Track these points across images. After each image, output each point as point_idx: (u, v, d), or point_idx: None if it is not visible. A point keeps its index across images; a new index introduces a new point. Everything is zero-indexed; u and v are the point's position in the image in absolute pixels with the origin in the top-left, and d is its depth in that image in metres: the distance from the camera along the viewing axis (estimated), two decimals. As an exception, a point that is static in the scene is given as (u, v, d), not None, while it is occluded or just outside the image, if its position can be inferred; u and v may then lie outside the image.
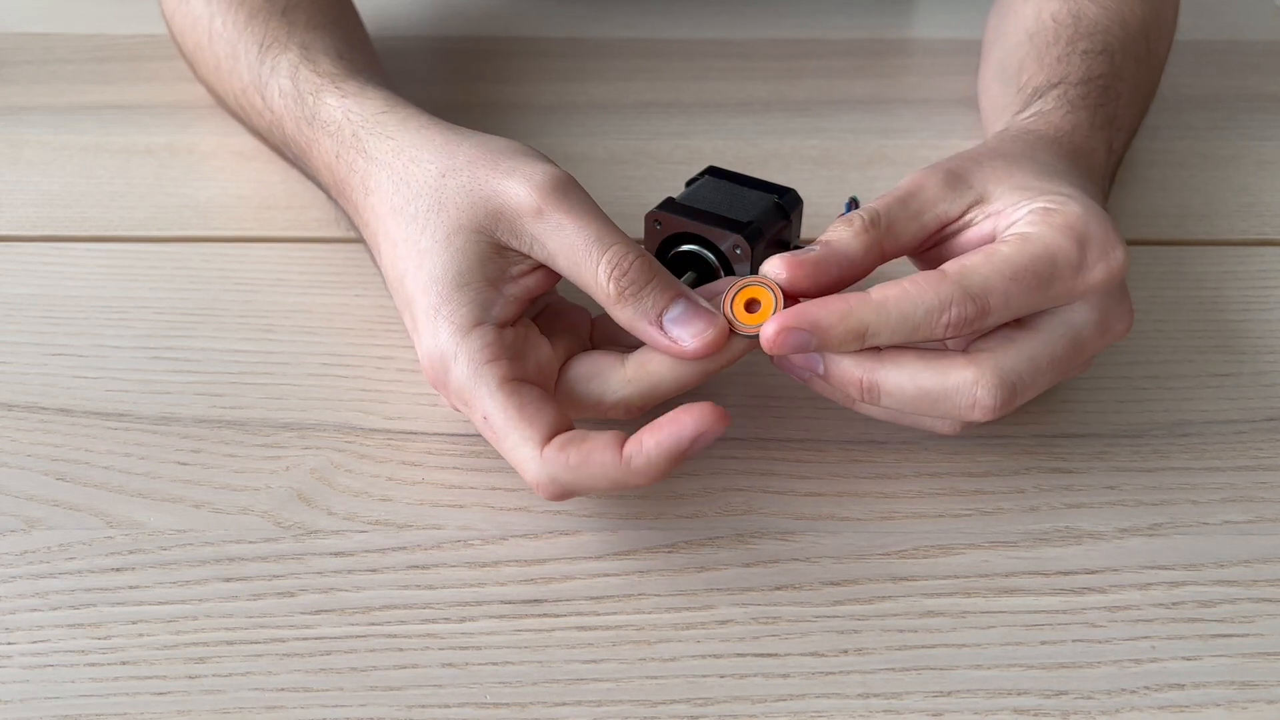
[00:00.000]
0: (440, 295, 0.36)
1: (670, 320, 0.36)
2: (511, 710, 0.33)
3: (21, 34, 0.67)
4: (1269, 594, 0.36)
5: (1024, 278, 0.35)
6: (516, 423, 0.35)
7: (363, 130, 0.41)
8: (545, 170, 0.37)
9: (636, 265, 0.36)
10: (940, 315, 0.34)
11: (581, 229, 0.36)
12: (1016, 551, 0.38)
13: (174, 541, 0.37)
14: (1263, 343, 0.46)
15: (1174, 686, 0.34)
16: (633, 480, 0.34)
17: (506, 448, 0.35)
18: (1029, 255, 0.35)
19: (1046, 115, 0.45)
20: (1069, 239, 0.36)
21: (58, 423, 0.42)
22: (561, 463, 0.34)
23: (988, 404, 0.35)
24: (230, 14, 0.51)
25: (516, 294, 0.37)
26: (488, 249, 0.37)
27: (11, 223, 0.52)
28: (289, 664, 0.34)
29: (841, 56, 0.66)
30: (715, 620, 0.35)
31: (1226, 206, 0.54)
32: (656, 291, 0.36)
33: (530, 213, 0.36)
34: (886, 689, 0.34)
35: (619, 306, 0.36)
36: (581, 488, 0.35)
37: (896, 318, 0.35)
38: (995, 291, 0.35)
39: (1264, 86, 0.63)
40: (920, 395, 0.36)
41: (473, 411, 0.36)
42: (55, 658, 0.34)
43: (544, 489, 0.35)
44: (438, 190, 0.38)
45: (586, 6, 0.70)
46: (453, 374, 0.36)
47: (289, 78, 0.46)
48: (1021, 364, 0.36)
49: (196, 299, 0.47)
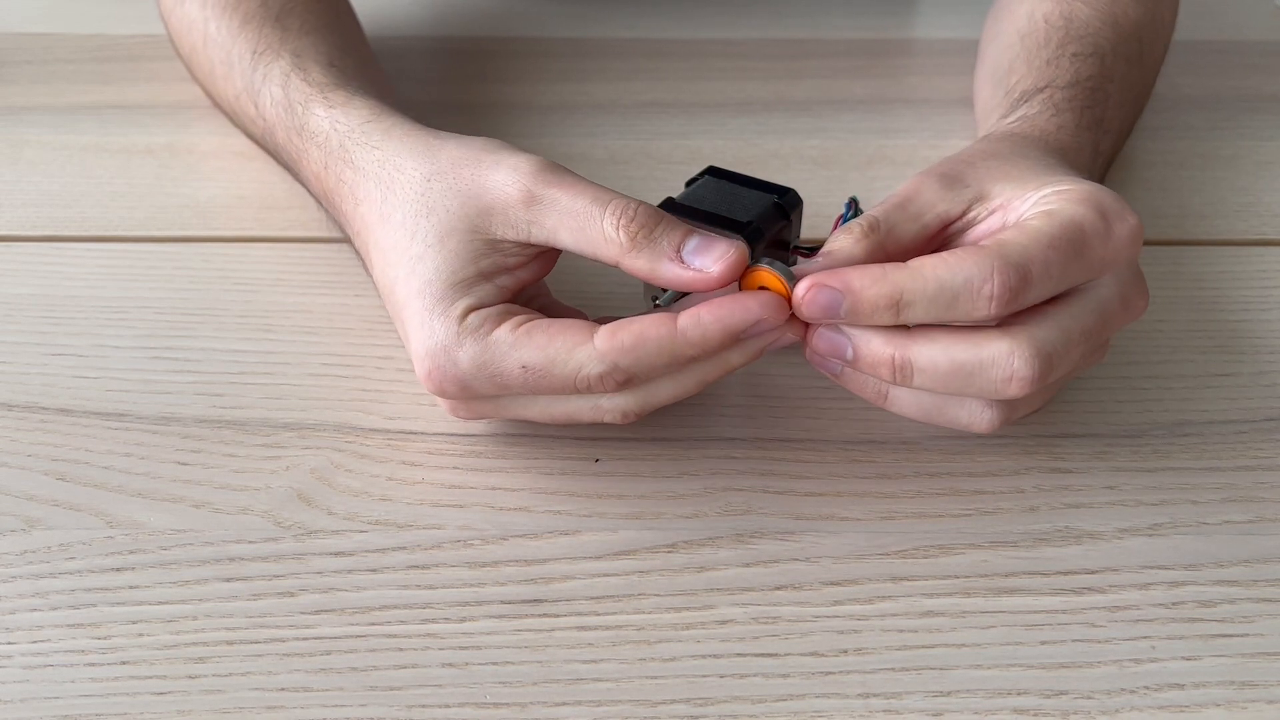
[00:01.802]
0: (434, 296, 0.36)
1: (690, 252, 0.35)
2: (511, 710, 0.33)
3: (21, 34, 0.67)
4: (1269, 594, 0.36)
5: (1060, 245, 0.35)
6: (553, 343, 0.35)
7: (349, 141, 0.41)
8: (528, 158, 0.37)
9: (643, 210, 0.36)
10: (982, 285, 0.34)
11: (577, 196, 0.36)
12: (1016, 551, 0.38)
13: (174, 541, 0.37)
14: (1263, 343, 0.46)
15: (1174, 686, 0.34)
16: (687, 350, 0.34)
17: (559, 371, 0.35)
18: (1059, 225, 0.35)
19: (1032, 119, 0.45)
20: (1090, 209, 0.36)
21: (58, 423, 0.42)
22: (618, 345, 0.35)
23: (1025, 375, 0.35)
24: (225, 19, 0.51)
25: (509, 284, 0.38)
26: (481, 246, 0.37)
27: (11, 223, 0.52)
28: (289, 664, 0.34)
29: (841, 56, 0.66)
30: (715, 620, 0.35)
31: (1226, 206, 0.54)
32: (669, 230, 0.36)
33: (521, 200, 0.36)
34: (886, 689, 0.34)
35: (634, 254, 0.35)
36: (642, 367, 0.35)
37: (934, 286, 0.34)
38: (1036, 260, 0.34)
39: (1264, 86, 0.63)
40: (954, 370, 0.35)
41: (507, 375, 0.36)
42: (55, 658, 0.34)
43: (608, 380, 0.35)
44: (424, 195, 0.38)
45: (586, 6, 0.70)
46: (462, 359, 0.36)
47: (280, 86, 0.46)
48: (1054, 335, 0.35)
49: (196, 299, 0.47)
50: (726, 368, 0.37)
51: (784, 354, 0.44)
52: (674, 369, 0.36)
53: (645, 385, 0.37)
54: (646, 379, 0.36)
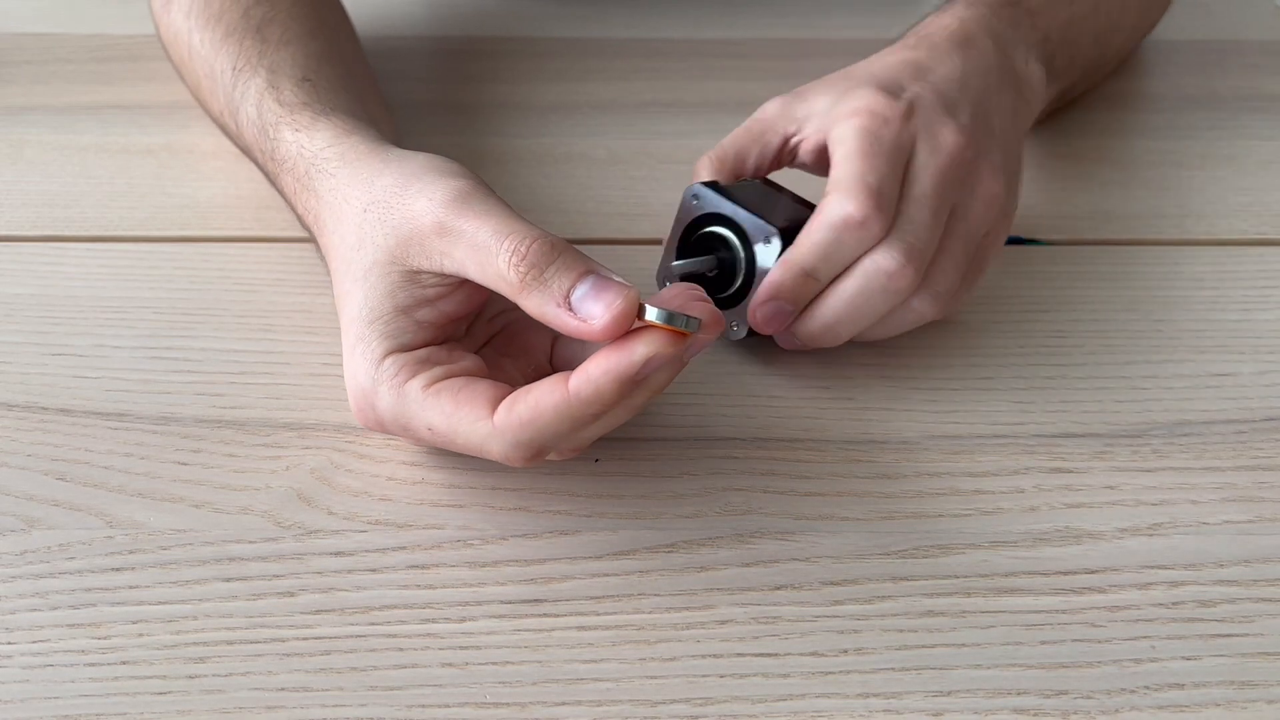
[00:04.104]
0: (355, 334, 0.36)
1: (579, 298, 0.32)
2: (511, 710, 0.33)
3: (21, 34, 0.67)
4: (1269, 594, 0.36)
5: (868, 151, 0.41)
6: (457, 412, 0.34)
7: (312, 168, 0.41)
8: (447, 185, 0.35)
9: (536, 246, 0.33)
10: (850, 216, 0.40)
11: (481, 228, 0.34)
12: (1016, 551, 0.38)
13: (174, 541, 0.37)
14: (1263, 343, 0.46)
15: (1174, 686, 0.34)
16: (586, 410, 0.33)
17: (462, 441, 0.35)
18: (855, 135, 0.42)
19: (937, 14, 0.49)
20: (865, 119, 0.42)
21: (58, 423, 0.42)
22: (515, 422, 0.33)
23: (893, 266, 0.40)
24: (208, 30, 0.50)
25: (431, 318, 0.36)
26: (398, 279, 0.36)
27: (11, 223, 0.52)
28: (289, 664, 0.34)
29: (841, 56, 0.65)
30: (715, 620, 0.35)
31: (1226, 206, 0.54)
32: (562, 271, 0.33)
33: (433, 230, 0.35)
34: (886, 689, 0.34)
35: (524, 294, 0.33)
36: (545, 438, 0.34)
37: (817, 240, 0.40)
38: (868, 170, 0.41)
39: (1264, 86, 0.63)
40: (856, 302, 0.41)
41: (416, 431, 0.36)
42: (55, 658, 0.34)
43: (514, 456, 0.34)
44: (359, 228, 0.37)
45: (586, 6, 0.70)
46: (379, 405, 0.36)
47: (255, 107, 0.45)
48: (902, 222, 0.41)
49: (196, 299, 0.47)
50: (651, 392, 0.34)
51: (784, 354, 0.44)
52: (583, 427, 0.34)
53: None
54: (559, 444, 0.35)
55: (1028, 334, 0.46)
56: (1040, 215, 0.53)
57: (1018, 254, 0.50)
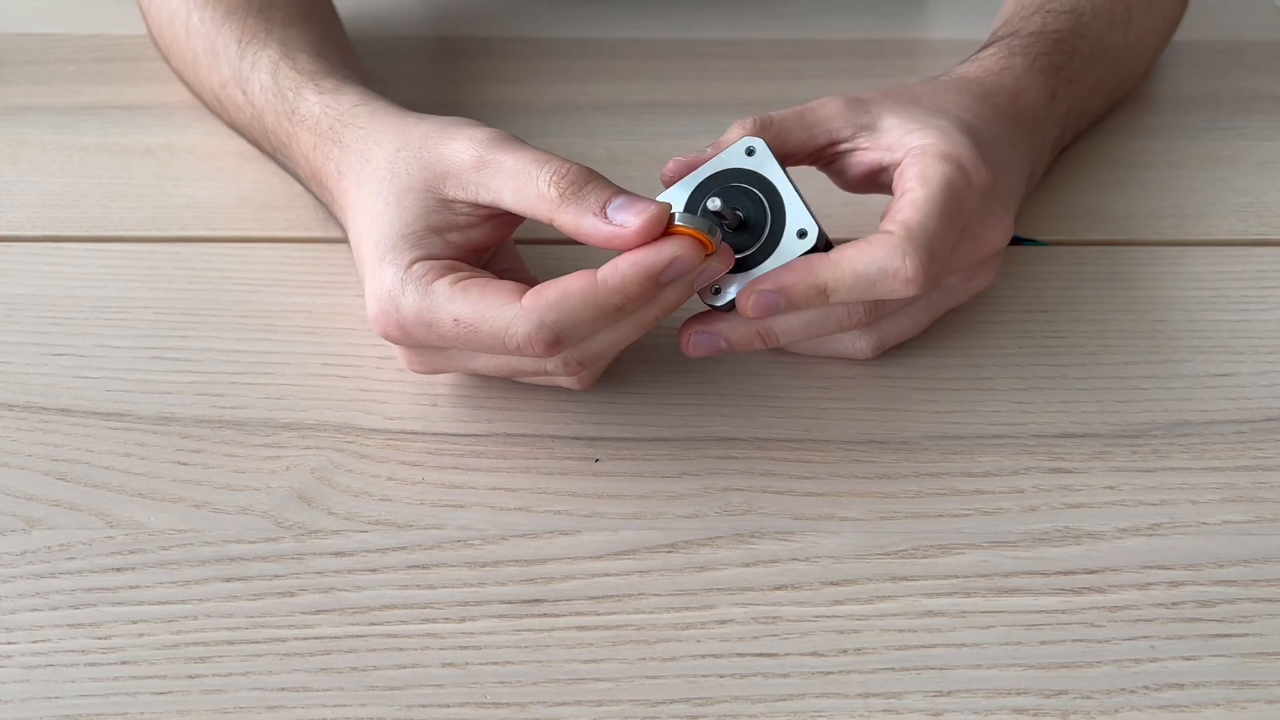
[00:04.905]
0: (387, 245, 0.38)
1: (614, 209, 0.36)
2: (511, 710, 0.33)
3: (21, 34, 0.67)
4: (1269, 594, 0.36)
5: (948, 212, 0.39)
6: (484, 300, 0.36)
7: (338, 124, 0.43)
8: (486, 130, 0.39)
9: (576, 169, 0.37)
10: (897, 271, 0.38)
11: (520, 158, 0.37)
12: (1016, 551, 0.38)
13: (174, 541, 0.37)
14: (1263, 343, 0.46)
15: (1174, 686, 0.34)
16: (609, 300, 0.35)
17: (488, 328, 0.36)
18: (938, 189, 0.39)
19: (981, 61, 0.48)
20: (953, 166, 0.40)
21: (58, 423, 0.42)
22: (542, 304, 0.35)
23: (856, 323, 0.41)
24: (207, 10, 0.52)
25: (459, 241, 0.39)
26: (433, 203, 0.39)
27: (11, 223, 0.52)
28: (289, 664, 0.34)
29: (842, 56, 0.66)
30: (715, 620, 0.35)
31: (1226, 206, 0.54)
32: (598, 189, 0.36)
33: (472, 165, 0.38)
34: (886, 689, 0.34)
35: (562, 208, 0.36)
36: (567, 324, 0.36)
37: (851, 276, 0.38)
38: (936, 235, 0.38)
39: (1263, 87, 0.63)
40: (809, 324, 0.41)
41: (440, 326, 0.37)
42: (55, 658, 0.34)
43: (536, 339, 0.36)
44: (392, 164, 0.40)
45: (586, 7, 0.70)
46: (404, 306, 0.37)
47: (270, 74, 0.48)
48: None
49: (196, 299, 0.47)
50: (663, 307, 0.37)
51: (784, 354, 0.44)
52: (603, 322, 0.36)
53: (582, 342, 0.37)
54: (577, 337, 0.37)
55: (1027, 334, 0.46)
56: (1039, 215, 0.53)
57: (1017, 254, 0.50)
